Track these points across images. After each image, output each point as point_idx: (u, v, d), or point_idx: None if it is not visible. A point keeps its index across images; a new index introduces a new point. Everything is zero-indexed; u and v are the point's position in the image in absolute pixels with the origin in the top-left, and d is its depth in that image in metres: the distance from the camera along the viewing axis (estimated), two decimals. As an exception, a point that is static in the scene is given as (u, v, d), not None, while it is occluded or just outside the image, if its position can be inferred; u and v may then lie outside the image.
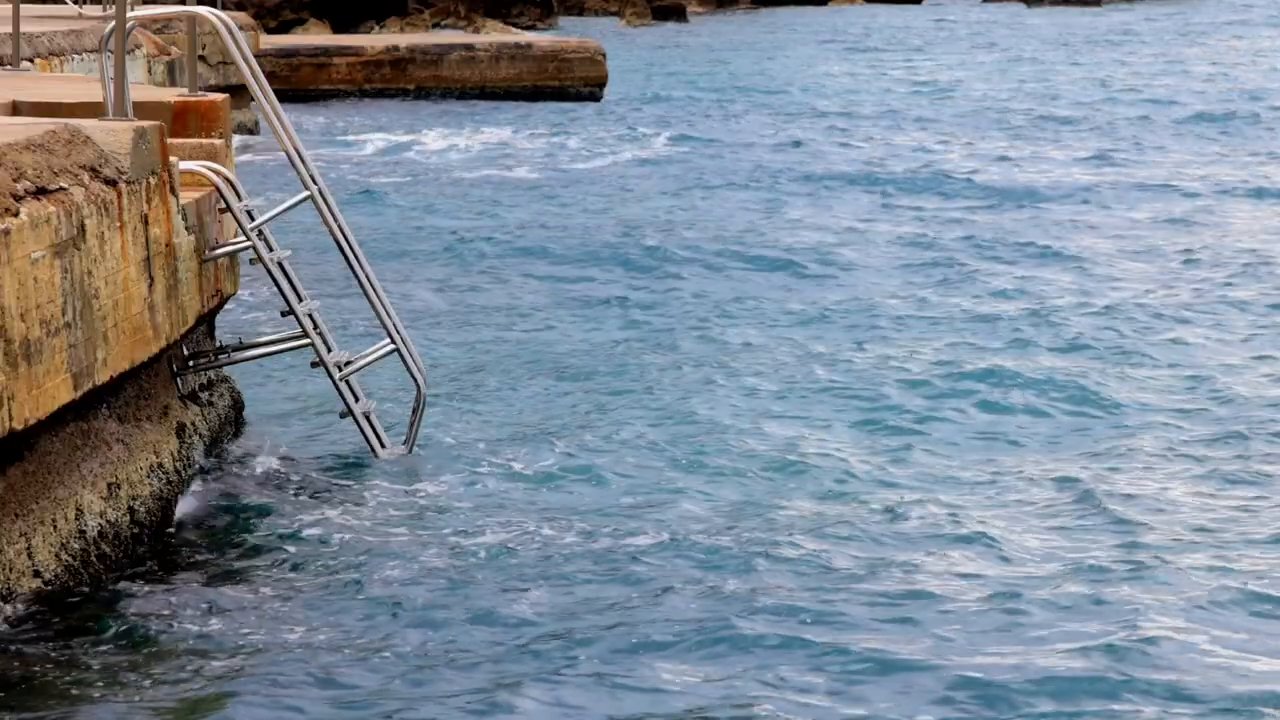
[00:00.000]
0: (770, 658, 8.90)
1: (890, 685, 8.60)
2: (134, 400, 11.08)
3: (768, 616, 9.40)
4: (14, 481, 9.19)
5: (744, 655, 8.94)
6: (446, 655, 8.95)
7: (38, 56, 20.29)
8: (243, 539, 10.70)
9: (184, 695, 8.42)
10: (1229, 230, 22.82)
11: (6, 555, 9.07)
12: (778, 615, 9.42)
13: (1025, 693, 8.48)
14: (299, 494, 11.57)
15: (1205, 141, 32.96)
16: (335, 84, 39.94)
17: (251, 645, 9.02)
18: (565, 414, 13.61)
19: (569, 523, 10.96)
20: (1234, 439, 12.97)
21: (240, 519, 11.06)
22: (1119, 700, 8.45)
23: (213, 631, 9.20)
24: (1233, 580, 10.02)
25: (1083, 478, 11.94)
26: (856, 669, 8.78)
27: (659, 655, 8.93)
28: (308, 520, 11.00)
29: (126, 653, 8.89)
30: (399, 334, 12.70)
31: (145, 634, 9.12)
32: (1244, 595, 9.80)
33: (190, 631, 9.18)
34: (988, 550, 10.55)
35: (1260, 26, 70.51)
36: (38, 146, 9.72)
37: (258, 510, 11.21)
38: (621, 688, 8.57)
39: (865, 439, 13.01)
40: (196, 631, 9.19)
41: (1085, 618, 9.41)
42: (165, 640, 9.06)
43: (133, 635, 9.10)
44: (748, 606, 9.52)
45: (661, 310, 17.73)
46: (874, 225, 23.25)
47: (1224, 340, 16.46)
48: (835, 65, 52.77)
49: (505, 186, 27.16)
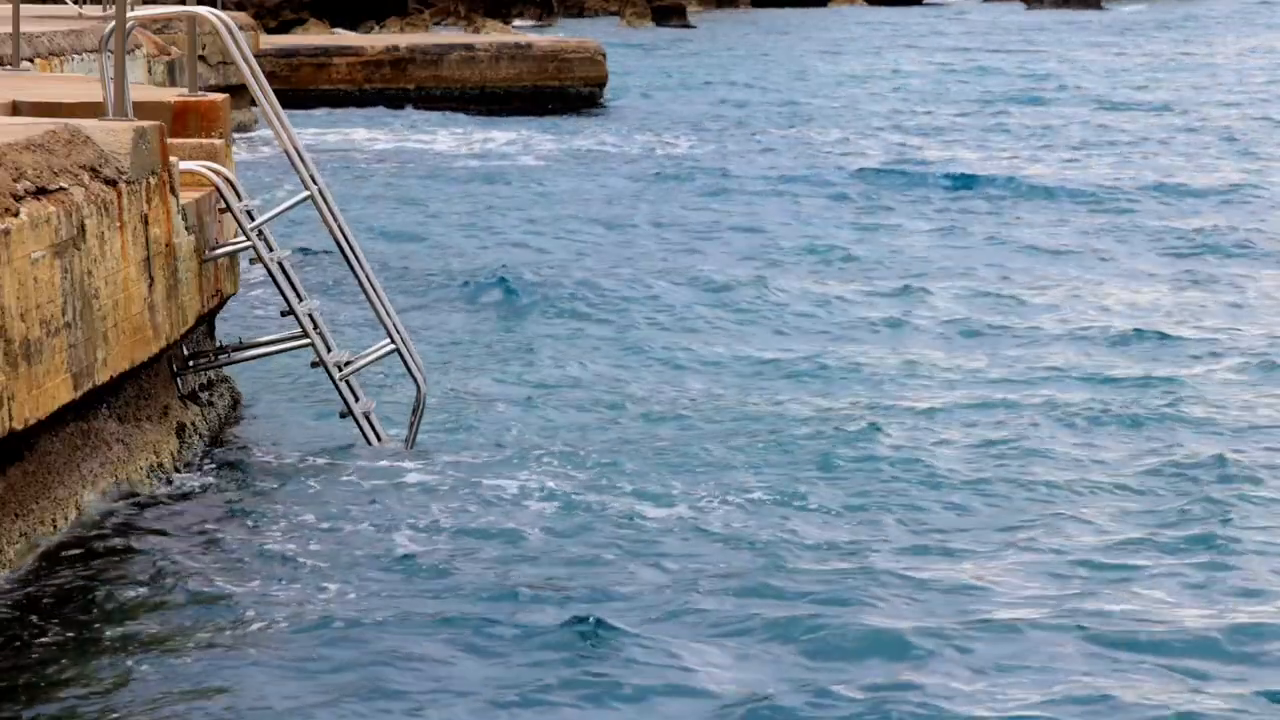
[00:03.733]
0: (780, 644, 8.94)
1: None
2: (134, 400, 11.09)
3: (784, 604, 9.44)
4: (14, 481, 9.19)
5: (752, 646, 8.97)
6: (444, 647, 8.96)
7: (38, 56, 20.29)
8: (240, 533, 10.70)
9: (180, 687, 8.42)
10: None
11: (6, 555, 9.07)
12: (790, 601, 9.47)
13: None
14: (297, 489, 11.56)
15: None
16: (335, 84, 39.91)
17: (248, 637, 9.03)
18: (566, 413, 13.61)
19: (570, 521, 10.97)
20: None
21: (237, 514, 11.06)
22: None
23: (208, 624, 9.20)
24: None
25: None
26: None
27: (667, 647, 8.94)
28: (305, 514, 11.00)
29: (123, 647, 8.89)
30: (399, 334, 12.70)
31: (143, 627, 9.13)
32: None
33: (183, 626, 9.19)
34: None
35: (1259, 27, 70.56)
36: (38, 146, 9.72)
37: (255, 506, 11.21)
38: (620, 683, 8.58)
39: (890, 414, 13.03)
40: (190, 627, 9.19)
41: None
42: (163, 635, 9.07)
43: (130, 632, 9.11)
44: (755, 598, 9.55)
45: (662, 308, 17.72)
46: (877, 223, 23.29)
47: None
48: (835, 66, 52.75)
49: (504, 185, 27.16)
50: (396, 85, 40.18)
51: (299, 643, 9.05)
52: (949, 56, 56.28)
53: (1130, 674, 8.80)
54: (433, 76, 40.42)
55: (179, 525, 10.79)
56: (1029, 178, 27.82)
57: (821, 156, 30.77)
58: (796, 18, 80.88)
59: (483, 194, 26.45)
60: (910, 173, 28.40)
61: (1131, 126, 35.48)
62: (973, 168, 28.98)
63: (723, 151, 31.48)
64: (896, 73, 49.57)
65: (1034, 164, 29.68)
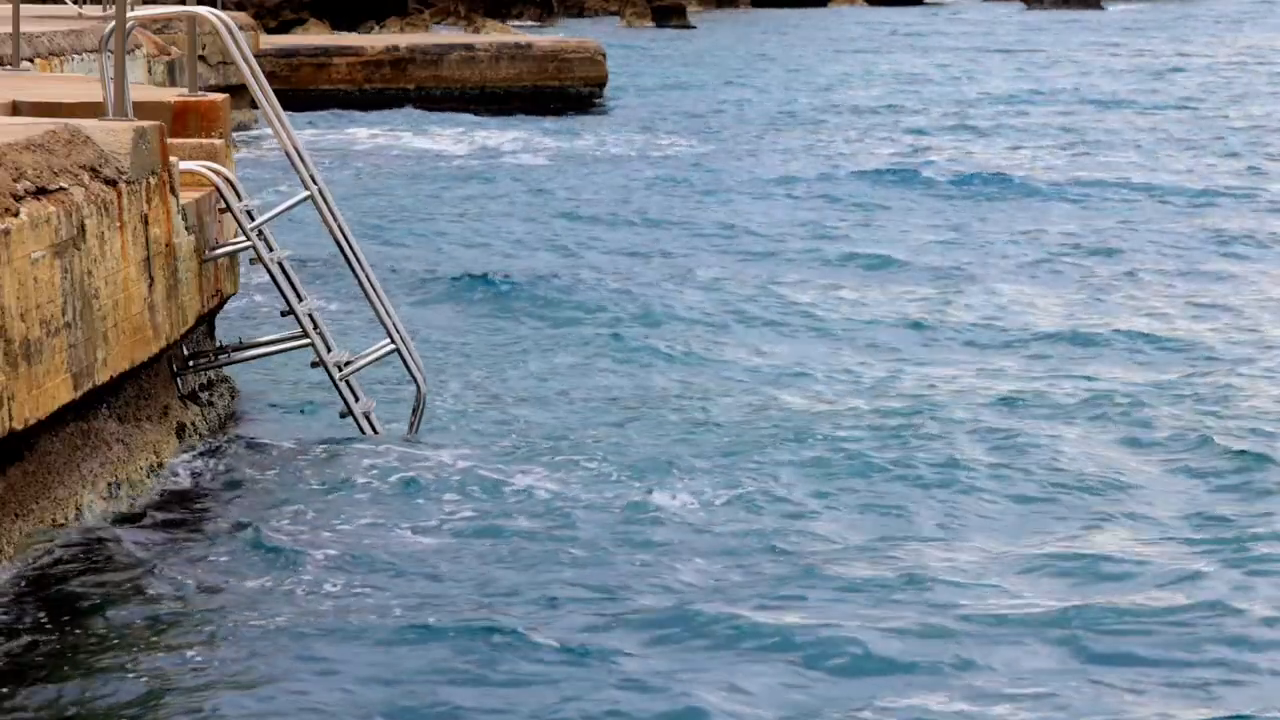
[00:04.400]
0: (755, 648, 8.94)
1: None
2: (134, 400, 11.09)
3: (786, 603, 9.44)
4: (14, 481, 9.19)
5: (750, 642, 8.98)
6: (447, 644, 8.97)
7: (38, 56, 20.30)
8: (240, 533, 10.70)
9: (180, 686, 8.43)
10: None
11: (6, 554, 9.07)
12: (782, 602, 9.46)
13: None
14: (297, 489, 11.56)
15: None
16: (335, 84, 39.91)
17: (249, 636, 9.04)
18: (566, 412, 13.61)
19: (569, 520, 10.97)
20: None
21: (236, 514, 11.06)
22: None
23: (208, 624, 9.20)
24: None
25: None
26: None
27: (656, 645, 8.94)
28: (305, 513, 11.01)
29: (123, 647, 8.90)
30: (399, 333, 12.70)
31: (143, 627, 9.13)
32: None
33: (183, 625, 9.19)
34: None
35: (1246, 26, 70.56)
36: (38, 146, 9.72)
37: (254, 505, 11.21)
38: (620, 676, 8.59)
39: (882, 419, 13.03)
40: (190, 626, 9.19)
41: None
42: (162, 634, 9.07)
43: (130, 631, 9.11)
44: (752, 598, 9.55)
45: (661, 308, 17.71)
46: (874, 219, 23.30)
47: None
48: (835, 66, 52.76)
49: (503, 185, 27.16)
50: (396, 85, 40.18)
51: (299, 641, 9.05)
52: (949, 57, 56.31)
53: (1149, 679, 8.80)
54: (433, 76, 40.42)
55: (179, 525, 10.79)
56: (1030, 178, 27.81)
57: (822, 157, 30.77)
58: (796, 18, 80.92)
59: (482, 194, 26.46)
60: (912, 173, 28.39)
61: (1131, 128, 35.47)
62: (976, 168, 28.96)
63: (722, 151, 31.48)
64: (897, 74, 49.57)
65: (1035, 164, 29.67)
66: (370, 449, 12.28)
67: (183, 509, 11.04)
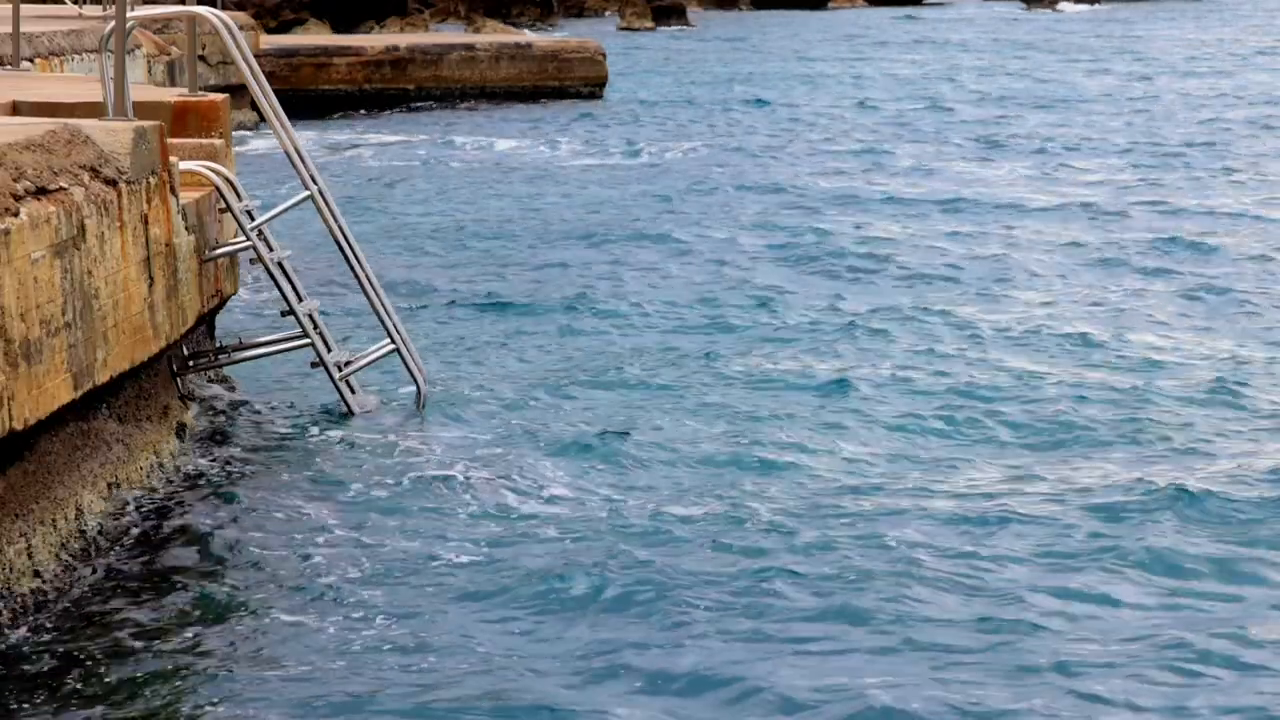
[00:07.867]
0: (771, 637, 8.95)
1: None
2: (134, 400, 11.09)
3: (790, 601, 9.45)
4: (14, 481, 9.19)
5: (747, 642, 8.99)
6: (448, 642, 8.97)
7: (38, 56, 20.31)
8: (239, 533, 10.71)
9: (181, 685, 8.44)
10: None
11: (6, 555, 9.07)
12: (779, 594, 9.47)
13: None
14: (296, 489, 11.57)
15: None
16: (335, 84, 39.93)
17: (250, 636, 9.04)
18: (566, 412, 13.61)
19: (570, 519, 10.98)
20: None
21: (236, 513, 11.07)
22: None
23: (207, 624, 9.21)
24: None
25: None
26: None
27: (667, 645, 8.96)
28: (306, 513, 11.02)
29: (123, 646, 8.91)
30: (399, 334, 12.71)
31: (142, 627, 9.14)
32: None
33: (182, 625, 9.20)
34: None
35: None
36: (38, 146, 9.72)
37: (254, 506, 11.22)
38: (619, 671, 8.60)
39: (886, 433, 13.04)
40: (190, 626, 9.20)
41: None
42: (162, 634, 9.08)
43: (129, 631, 9.12)
44: (756, 598, 9.55)
45: (661, 308, 17.72)
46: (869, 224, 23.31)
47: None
48: (835, 67, 52.78)
49: (500, 183, 27.16)
50: (396, 85, 40.20)
51: (299, 641, 9.06)
52: (948, 56, 56.31)
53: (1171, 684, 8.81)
54: (433, 76, 40.45)
55: (178, 525, 10.80)
56: (1034, 177, 27.82)
57: (822, 157, 30.78)
58: (796, 18, 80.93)
59: (481, 193, 26.46)
60: (914, 173, 28.41)
61: (1133, 127, 35.49)
62: (978, 166, 28.97)
63: (722, 151, 31.49)
64: (897, 75, 49.58)
65: (1037, 166, 29.68)
66: (369, 449, 12.29)
67: (182, 509, 11.05)
